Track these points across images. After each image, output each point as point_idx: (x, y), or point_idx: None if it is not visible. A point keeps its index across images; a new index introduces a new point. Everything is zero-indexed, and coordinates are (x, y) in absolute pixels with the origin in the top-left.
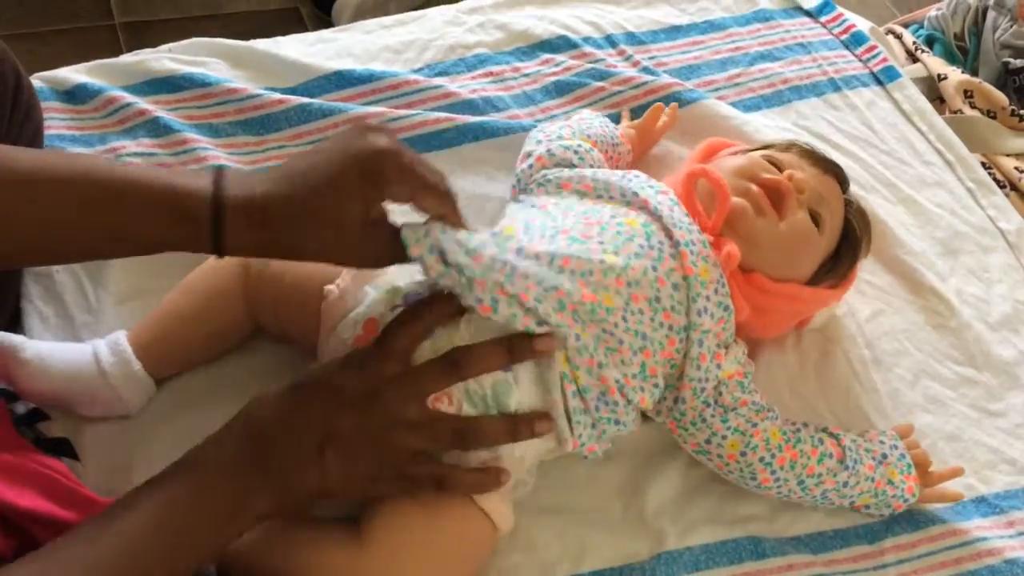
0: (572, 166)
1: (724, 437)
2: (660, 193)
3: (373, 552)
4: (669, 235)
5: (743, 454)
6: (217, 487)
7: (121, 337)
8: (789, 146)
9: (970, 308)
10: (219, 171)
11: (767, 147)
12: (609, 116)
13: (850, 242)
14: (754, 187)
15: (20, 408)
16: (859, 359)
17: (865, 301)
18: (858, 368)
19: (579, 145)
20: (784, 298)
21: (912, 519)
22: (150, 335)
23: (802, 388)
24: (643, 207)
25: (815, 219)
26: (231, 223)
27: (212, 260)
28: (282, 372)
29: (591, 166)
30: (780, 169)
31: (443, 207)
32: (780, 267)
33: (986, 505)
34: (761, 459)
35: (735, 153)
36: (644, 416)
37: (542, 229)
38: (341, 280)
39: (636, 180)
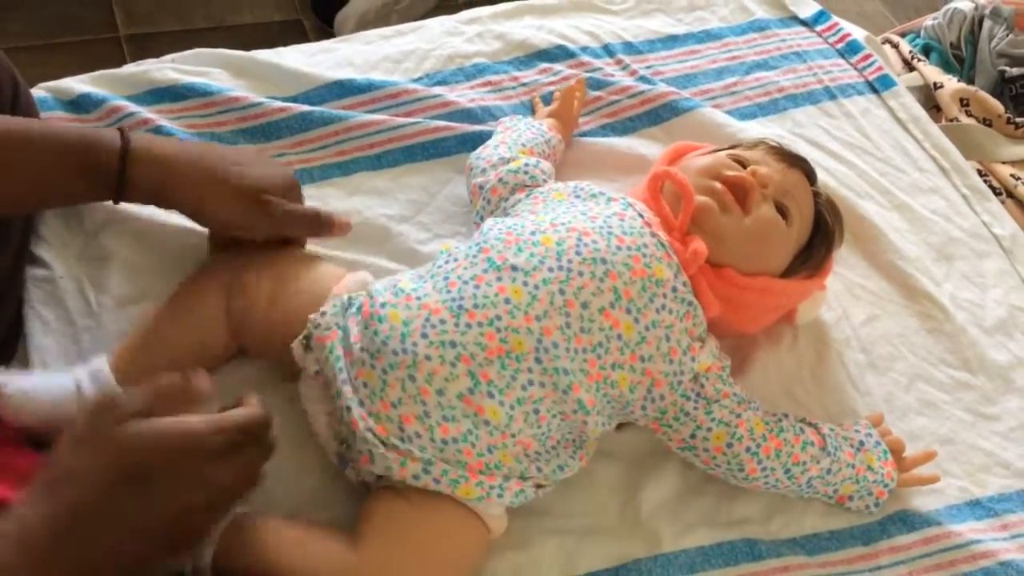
0: (526, 186)
1: (709, 430)
2: (610, 203)
3: (368, 555)
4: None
5: (729, 445)
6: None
7: (103, 365)
8: (756, 144)
9: (965, 313)
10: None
11: (734, 146)
12: (521, 110)
13: (823, 232)
14: (718, 185)
15: None
16: (854, 363)
17: (860, 306)
18: (853, 372)
19: (526, 164)
20: (756, 292)
21: (907, 521)
22: (133, 362)
23: (797, 391)
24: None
25: (782, 212)
26: (133, 166)
27: (194, 281)
28: (268, 386)
29: (544, 181)
30: (744, 166)
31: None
32: (750, 261)
33: (981, 508)
34: (747, 449)
35: (703, 154)
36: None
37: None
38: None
39: (570, 209)
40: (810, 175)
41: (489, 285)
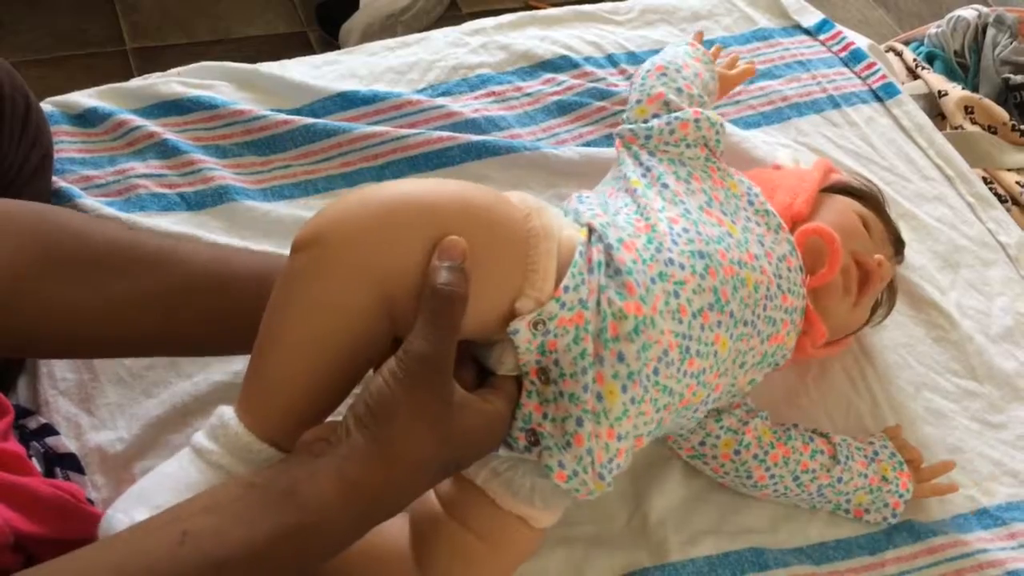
0: (708, 147)
1: (718, 437)
2: (778, 234)
3: None
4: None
5: (737, 452)
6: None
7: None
8: (872, 197)
9: (971, 321)
10: None
11: (853, 191)
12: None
13: (873, 312)
14: (854, 267)
15: (32, 423)
16: (859, 372)
17: None
18: (858, 381)
19: (722, 124)
20: (804, 356)
21: (913, 530)
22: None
23: (802, 400)
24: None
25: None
26: None
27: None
28: None
29: (721, 152)
30: (869, 233)
31: None
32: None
33: (988, 517)
34: (755, 456)
35: (831, 188)
36: None
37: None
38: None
39: (750, 227)
40: (900, 256)
41: (711, 330)
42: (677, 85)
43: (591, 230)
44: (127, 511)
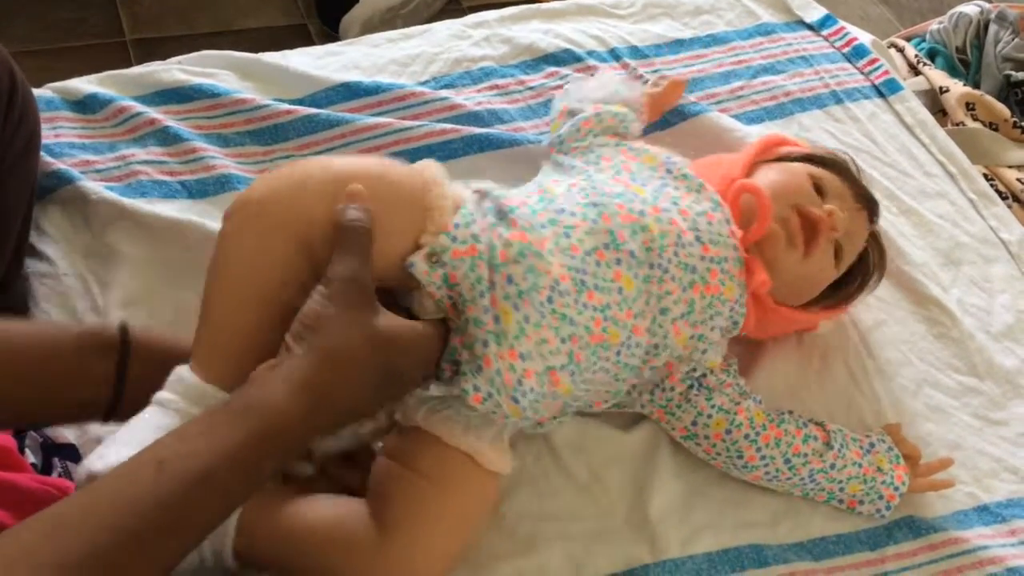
0: (618, 135)
1: (710, 416)
2: (700, 193)
3: (395, 537)
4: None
5: (728, 432)
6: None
7: (186, 372)
8: (834, 162)
9: (972, 318)
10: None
11: (814, 158)
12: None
13: (861, 275)
14: (794, 218)
15: None
16: (860, 368)
17: (867, 311)
18: (859, 377)
19: (626, 114)
20: (781, 318)
21: (914, 526)
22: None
23: (804, 396)
24: (678, 214)
25: (837, 252)
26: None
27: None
28: None
29: (633, 137)
30: (822, 193)
31: None
32: (787, 295)
33: (988, 514)
34: (746, 436)
35: (784, 157)
36: (641, 416)
37: (571, 229)
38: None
39: (663, 189)
40: (874, 213)
41: (608, 267)
42: (579, 96)
43: (480, 192)
44: (100, 454)
